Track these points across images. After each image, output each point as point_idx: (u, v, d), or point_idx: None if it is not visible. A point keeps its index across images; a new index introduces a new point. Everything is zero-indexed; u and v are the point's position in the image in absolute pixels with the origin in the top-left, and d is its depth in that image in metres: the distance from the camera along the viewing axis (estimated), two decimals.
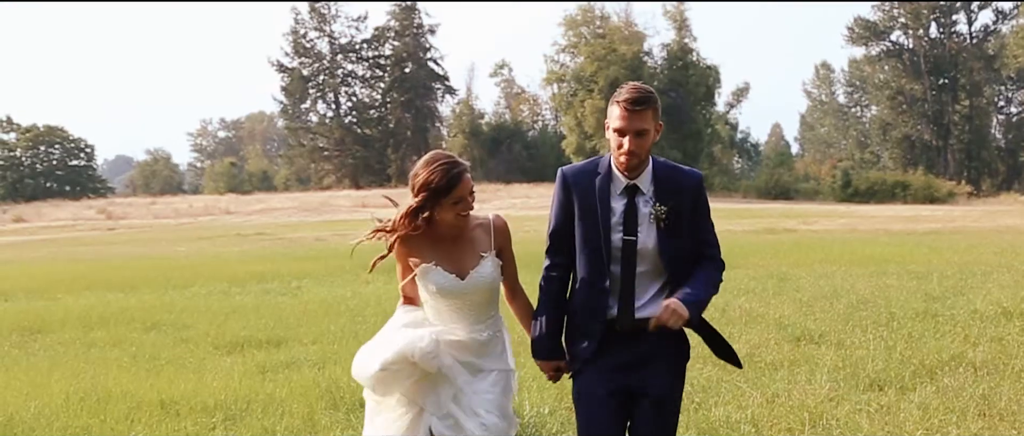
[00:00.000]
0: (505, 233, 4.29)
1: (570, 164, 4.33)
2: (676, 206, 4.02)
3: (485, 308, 4.23)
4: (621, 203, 4.05)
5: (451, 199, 4.07)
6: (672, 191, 4.04)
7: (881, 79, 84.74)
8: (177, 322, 11.58)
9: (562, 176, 4.18)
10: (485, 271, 4.17)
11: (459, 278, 4.14)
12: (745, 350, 8.44)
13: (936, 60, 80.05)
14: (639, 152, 3.97)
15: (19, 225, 55.38)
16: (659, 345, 4.06)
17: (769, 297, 12.05)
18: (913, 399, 6.64)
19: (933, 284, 12.99)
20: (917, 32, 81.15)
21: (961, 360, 7.75)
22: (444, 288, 4.15)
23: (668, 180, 4.08)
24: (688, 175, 4.14)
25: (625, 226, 4.04)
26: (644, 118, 3.95)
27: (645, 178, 4.06)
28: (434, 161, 4.09)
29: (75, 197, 76.30)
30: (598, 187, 4.07)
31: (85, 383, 7.80)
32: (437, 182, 4.03)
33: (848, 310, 10.74)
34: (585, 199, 4.09)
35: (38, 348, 10.15)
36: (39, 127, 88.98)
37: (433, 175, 4.05)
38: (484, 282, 4.17)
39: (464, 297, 4.17)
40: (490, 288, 4.20)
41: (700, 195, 4.13)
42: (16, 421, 6.66)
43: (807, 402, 6.60)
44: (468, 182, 4.10)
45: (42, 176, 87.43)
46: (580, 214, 4.09)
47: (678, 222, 4.03)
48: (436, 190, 4.03)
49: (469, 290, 4.16)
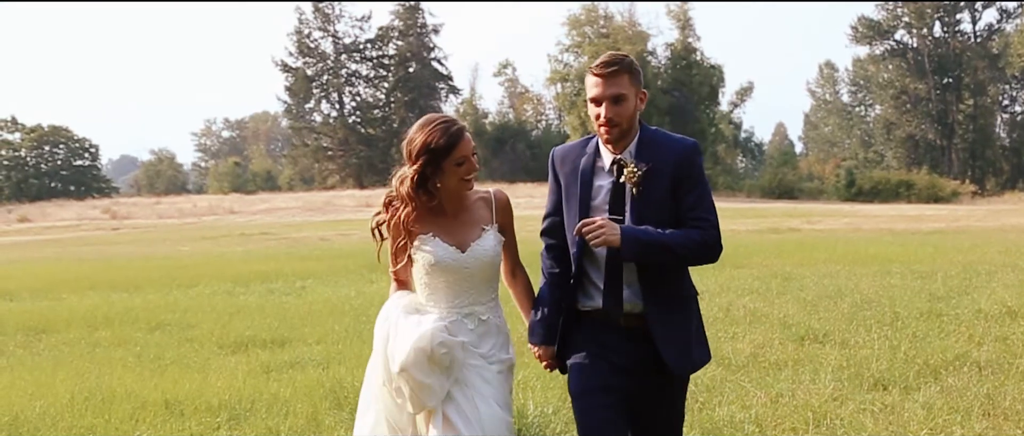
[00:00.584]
0: (507, 208, 4.04)
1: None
2: (655, 172, 3.67)
3: (484, 287, 3.95)
4: (607, 181, 3.77)
5: (453, 159, 3.79)
6: (653, 155, 3.70)
7: (885, 78, 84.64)
8: (181, 322, 11.60)
9: (551, 156, 3.99)
10: (487, 244, 3.91)
11: (459, 250, 3.87)
12: (749, 349, 8.44)
13: (940, 59, 79.94)
14: (619, 120, 3.68)
15: (24, 225, 55.45)
16: (654, 349, 3.74)
17: (773, 296, 12.05)
18: (917, 399, 6.63)
19: (937, 284, 12.98)
20: (921, 31, 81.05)
21: (965, 360, 7.74)
22: (443, 261, 3.86)
23: (651, 144, 3.75)
24: (677, 141, 3.78)
25: (611, 205, 3.74)
26: (619, 82, 3.68)
27: (632, 149, 3.76)
28: (430, 122, 3.83)
29: (79, 197, 76.38)
30: (582, 166, 3.82)
31: (90, 383, 7.81)
32: (437, 142, 3.76)
33: (852, 310, 10.73)
34: (570, 179, 3.86)
35: (43, 348, 10.17)
36: (44, 127, 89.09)
37: (432, 135, 3.77)
38: (486, 256, 3.90)
39: (463, 272, 3.88)
40: (491, 263, 3.93)
41: (690, 166, 3.73)
42: (21, 420, 6.67)
43: (811, 402, 6.60)
44: (469, 141, 3.82)
45: (47, 176, 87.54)
46: (565, 195, 3.88)
47: (656, 190, 3.68)
48: (436, 151, 3.76)
49: (469, 264, 3.88)
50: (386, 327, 3.83)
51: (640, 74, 3.76)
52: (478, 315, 3.93)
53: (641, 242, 3.59)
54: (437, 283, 3.91)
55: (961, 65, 79.70)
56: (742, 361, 8.01)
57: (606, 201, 3.74)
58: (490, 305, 3.95)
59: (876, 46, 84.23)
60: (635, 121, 3.76)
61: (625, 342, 3.77)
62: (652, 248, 3.61)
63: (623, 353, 3.78)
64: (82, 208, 65.52)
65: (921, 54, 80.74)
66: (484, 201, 4.00)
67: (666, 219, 3.66)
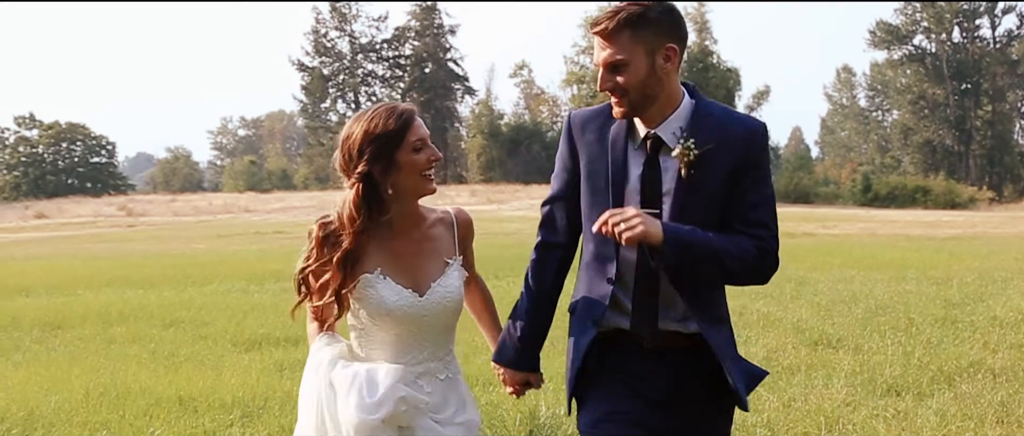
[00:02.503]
0: (470, 229, 3.18)
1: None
2: (713, 156, 2.85)
3: (444, 338, 3.06)
4: (639, 161, 2.93)
5: (409, 145, 2.92)
6: (711, 134, 2.87)
7: (903, 83, 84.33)
8: (196, 319, 11.64)
9: (567, 121, 3.10)
10: (451, 284, 3.02)
11: (416, 293, 2.96)
12: (762, 354, 8.42)
13: (959, 64, 79.59)
14: (626, 92, 2.85)
15: (41, 221, 55.75)
16: (700, 376, 2.96)
17: (787, 301, 12.02)
18: (931, 405, 6.61)
19: (953, 290, 12.92)
20: (940, 36, 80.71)
21: (980, 366, 7.71)
22: (397, 309, 2.94)
23: (709, 118, 2.91)
24: (743, 119, 2.97)
25: (644, 193, 2.90)
26: (618, 42, 2.83)
27: (673, 125, 2.90)
28: (368, 111, 2.98)
29: (96, 194, 76.78)
30: (612, 137, 2.96)
31: (104, 379, 7.85)
32: (383, 126, 2.91)
33: (866, 315, 10.70)
34: (595, 151, 2.99)
35: (58, 344, 10.22)
36: (61, 124, 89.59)
37: (374, 121, 2.92)
38: (450, 299, 3.00)
39: (420, 322, 2.97)
40: (455, 309, 3.04)
41: (754, 151, 2.91)
42: (36, 415, 6.71)
43: (824, 407, 6.58)
44: (423, 125, 2.98)
45: (64, 173, 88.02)
46: (586, 174, 3.00)
47: (710, 179, 2.86)
48: (385, 138, 2.90)
49: (428, 311, 2.97)
50: (317, 389, 2.96)
51: (657, 24, 2.85)
52: (435, 374, 3.04)
53: (686, 243, 2.79)
54: (382, 336, 3.00)
55: (980, 70, 79.33)
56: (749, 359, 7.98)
57: (638, 186, 2.91)
58: (448, 360, 3.10)
59: (894, 50, 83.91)
60: (658, 86, 2.87)
61: (661, 368, 2.98)
62: (698, 254, 2.81)
63: (658, 384, 2.98)
64: (98, 205, 65.84)
65: (940, 59, 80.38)
66: (444, 224, 3.11)
67: (714, 219, 2.88)
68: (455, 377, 3.11)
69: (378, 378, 2.89)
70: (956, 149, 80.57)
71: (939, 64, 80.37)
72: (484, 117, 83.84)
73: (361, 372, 2.91)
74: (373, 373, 2.91)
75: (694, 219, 2.84)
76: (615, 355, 3.02)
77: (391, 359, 2.97)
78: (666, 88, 2.89)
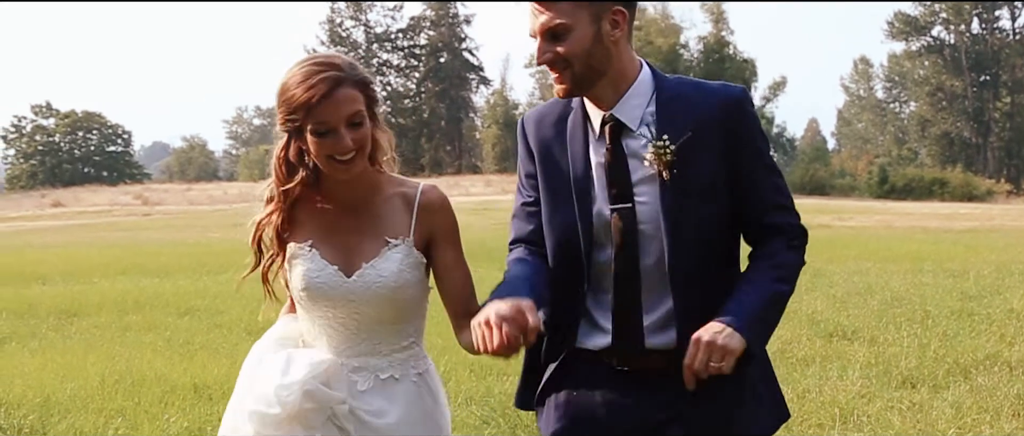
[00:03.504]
0: (442, 211, 2.64)
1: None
2: (694, 143, 2.41)
3: (387, 332, 2.61)
4: (600, 151, 2.50)
5: (312, 127, 2.46)
6: (684, 118, 2.43)
7: (921, 75, 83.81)
8: (211, 307, 11.68)
9: (521, 125, 2.68)
10: (385, 268, 2.56)
11: (343, 273, 2.56)
12: (776, 345, 8.39)
13: (977, 56, 79.06)
14: (568, 63, 2.41)
15: (57, 209, 56.05)
16: (709, 383, 2.37)
17: (802, 292, 11.96)
18: (946, 398, 6.57)
19: (969, 282, 12.85)
20: (959, 28, 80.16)
21: (996, 359, 7.67)
22: (316, 285, 2.57)
23: (677, 102, 2.46)
24: (714, 93, 2.49)
25: (612, 185, 2.46)
26: (558, 7, 2.39)
27: (632, 104, 2.47)
28: (299, 63, 2.55)
29: (112, 183, 77.11)
30: (570, 130, 2.54)
31: (120, 366, 7.89)
32: (292, 92, 2.47)
33: (882, 307, 10.65)
34: (550, 150, 2.57)
35: (74, 331, 10.28)
36: (77, 113, 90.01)
37: (291, 79, 2.49)
38: (382, 285, 2.55)
39: (347, 306, 2.57)
40: (390, 298, 2.56)
41: (743, 125, 2.48)
42: (52, 402, 6.75)
43: (838, 398, 6.55)
44: (347, 100, 2.47)
45: (80, 161, 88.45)
46: (544, 173, 2.57)
47: (698, 173, 2.42)
48: (293, 107, 2.47)
49: (356, 294, 2.55)
50: (250, 364, 2.69)
51: None
52: (375, 372, 2.61)
53: (763, 323, 2.45)
54: (313, 319, 2.64)
55: (999, 62, 78.76)
56: (769, 356, 7.96)
57: (603, 178, 2.48)
58: (398, 358, 2.63)
59: (912, 42, 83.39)
60: (605, 57, 2.44)
61: (638, 386, 2.51)
62: (770, 321, 2.50)
63: (635, 405, 2.52)
64: (114, 194, 66.13)
65: (958, 51, 79.86)
66: (402, 200, 2.64)
67: (714, 215, 2.47)
68: (405, 380, 2.63)
69: (292, 367, 2.54)
70: (974, 141, 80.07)
71: (958, 56, 79.84)
72: (499, 107, 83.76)
73: (282, 357, 2.59)
74: (293, 359, 2.57)
75: (691, 224, 2.44)
76: (579, 378, 2.56)
77: (329, 348, 2.62)
78: (616, 60, 2.46)
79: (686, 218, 2.43)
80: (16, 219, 47.17)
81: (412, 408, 2.61)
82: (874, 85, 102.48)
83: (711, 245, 2.49)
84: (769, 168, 2.53)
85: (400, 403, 2.60)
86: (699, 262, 2.46)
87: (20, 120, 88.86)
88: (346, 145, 2.47)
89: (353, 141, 2.48)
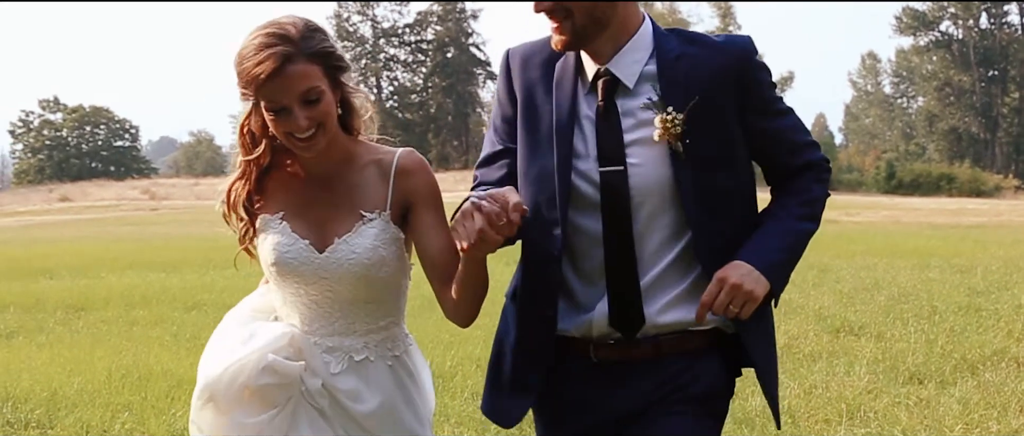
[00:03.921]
0: (418, 174, 2.46)
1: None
2: (703, 107, 2.22)
3: (362, 311, 2.46)
4: (591, 106, 2.28)
5: (264, 104, 2.31)
6: (690, 80, 2.24)
7: (929, 70, 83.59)
8: (218, 302, 11.68)
9: (505, 59, 2.43)
10: (359, 244, 2.39)
11: (315, 248, 2.42)
12: (783, 340, 8.37)
13: (986, 51, 78.82)
14: (568, 13, 2.20)
15: (64, 204, 56.15)
16: (679, 374, 2.31)
17: (809, 288, 11.95)
18: (953, 394, 6.56)
19: (977, 278, 12.81)
20: (967, 23, 79.92)
21: (1004, 355, 7.65)
22: (286, 260, 2.42)
23: (681, 62, 2.26)
24: (720, 48, 2.29)
25: (600, 147, 2.25)
26: None
27: (629, 60, 2.27)
28: (255, 31, 2.34)
29: (119, 177, 77.24)
30: (558, 75, 2.31)
31: (127, 361, 7.91)
32: (241, 63, 2.30)
33: (889, 302, 10.63)
34: (534, 94, 2.33)
35: (81, 326, 10.30)
36: (85, 108, 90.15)
37: (245, 49, 2.31)
38: (357, 262, 2.38)
39: (320, 283, 2.42)
40: (362, 275, 2.40)
41: (751, 75, 2.31)
42: (59, 396, 6.77)
43: (845, 394, 6.54)
44: (300, 77, 2.26)
45: (87, 156, 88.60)
46: (524, 120, 2.34)
47: (711, 136, 2.25)
48: (244, 80, 2.31)
49: (329, 272, 2.40)
50: (216, 336, 2.61)
51: None
52: (349, 353, 2.46)
53: (787, 267, 2.34)
54: (284, 296, 2.51)
55: (1007, 58, 78.53)
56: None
57: (591, 141, 2.27)
58: (374, 339, 2.48)
59: (920, 37, 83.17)
60: (610, 8, 2.22)
61: (615, 375, 2.35)
62: (796, 260, 2.38)
63: (609, 396, 2.36)
64: (122, 188, 66.25)
65: (966, 46, 79.62)
66: (378, 168, 2.46)
67: (735, 182, 2.33)
68: (380, 361, 2.48)
69: (252, 341, 2.42)
70: (982, 136, 79.85)
71: (966, 50, 79.61)
72: None
73: (245, 330, 2.49)
74: (256, 332, 2.46)
75: (715, 199, 2.27)
76: (561, 373, 2.36)
77: (301, 326, 2.48)
78: (620, 10, 2.24)
79: (707, 187, 2.26)
80: (24, 214, 47.30)
81: (389, 395, 2.47)
82: (882, 80, 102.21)
83: (734, 216, 2.33)
84: (785, 112, 2.39)
85: (376, 389, 2.45)
86: (725, 237, 2.30)
87: (28, 115, 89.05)
88: (300, 124, 2.29)
89: (309, 119, 2.29)
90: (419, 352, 2.61)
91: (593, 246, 2.28)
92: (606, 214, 2.25)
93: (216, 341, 2.54)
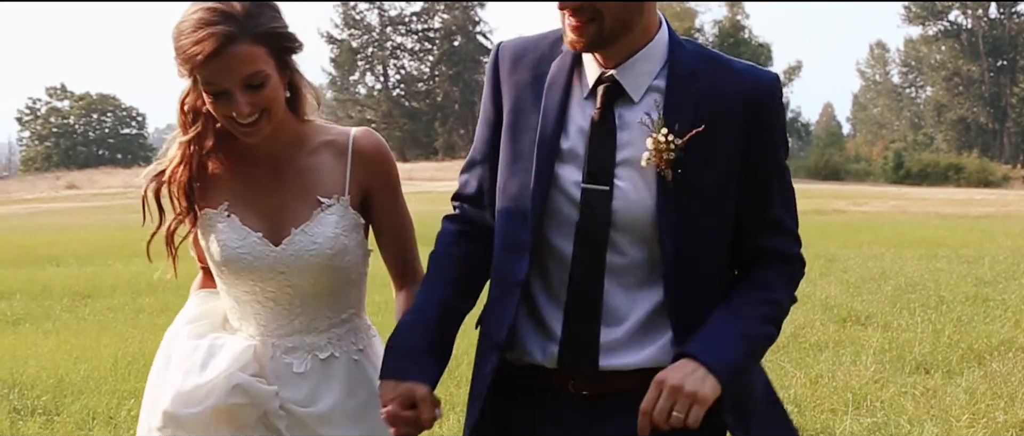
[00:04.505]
0: (379, 161, 2.31)
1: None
2: (706, 138, 1.94)
3: (324, 304, 2.29)
4: (586, 113, 2.01)
5: (204, 87, 2.12)
6: (699, 105, 1.96)
7: (937, 59, 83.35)
8: None
9: (494, 55, 2.16)
10: (319, 233, 2.22)
11: (269, 241, 2.22)
12: (789, 330, 8.36)
13: (995, 41, 78.54)
14: (597, 14, 1.90)
15: (71, 192, 56.28)
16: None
17: (816, 277, 11.92)
18: (960, 383, 6.55)
19: (984, 268, 12.78)
20: (976, 12, 79.60)
21: (1011, 345, 7.63)
22: (237, 257, 2.23)
23: (693, 82, 1.98)
24: (742, 77, 2.01)
25: (589, 161, 1.99)
26: None
27: (639, 70, 1.99)
28: (191, 6, 2.13)
29: (126, 165, 77.29)
30: (551, 77, 2.04)
31: (133, 348, 7.92)
32: (181, 38, 2.09)
33: (896, 292, 10.61)
34: (523, 97, 2.06)
35: (88, 313, 10.32)
36: (92, 95, 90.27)
37: (182, 24, 2.10)
38: (315, 253, 2.21)
39: (277, 279, 2.23)
40: (324, 265, 2.23)
41: (768, 119, 2.03)
42: (66, 383, 6.78)
43: (851, 383, 6.53)
44: (244, 57, 2.06)
45: (94, 144, 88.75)
46: (509, 125, 2.08)
47: (707, 170, 1.97)
48: (182, 60, 2.11)
49: (288, 266, 2.22)
50: (165, 353, 2.41)
51: None
52: (313, 351, 2.29)
53: (737, 367, 1.95)
54: (237, 296, 2.31)
55: (1016, 48, 78.25)
56: (782, 341, 7.93)
57: (581, 149, 2.00)
58: (336, 333, 2.32)
59: (929, 26, 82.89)
60: (638, 11, 1.95)
61: (586, 412, 2.06)
62: (748, 361, 2.01)
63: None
64: (129, 176, 66.26)
65: (975, 35, 79.34)
66: (333, 150, 2.28)
67: (721, 223, 2.03)
68: (345, 357, 2.32)
69: (213, 360, 2.22)
70: (990, 127, 79.62)
71: (975, 40, 79.33)
72: None
73: (203, 346, 2.27)
74: (214, 350, 2.24)
75: (699, 238, 1.99)
76: (530, 403, 2.09)
77: (257, 328, 2.29)
78: (648, 12, 1.98)
79: (690, 227, 1.97)
80: (31, 201, 47.42)
81: (350, 395, 2.29)
82: (890, 70, 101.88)
83: (717, 258, 2.05)
84: (785, 182, 2.10)
85: (336, 388, 2.28)
86: (702, 277, 2.02)
87: (35, 102, 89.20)
88: (242, 110, 2.09)
89: (252, 105, 2.10)
90: (381, 344, 2.32)
91: (563, 267, 2.03)
92: (579, 237, 2.00)
93: (168, 368, 2.33)
